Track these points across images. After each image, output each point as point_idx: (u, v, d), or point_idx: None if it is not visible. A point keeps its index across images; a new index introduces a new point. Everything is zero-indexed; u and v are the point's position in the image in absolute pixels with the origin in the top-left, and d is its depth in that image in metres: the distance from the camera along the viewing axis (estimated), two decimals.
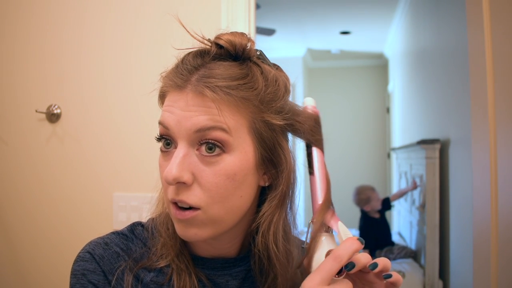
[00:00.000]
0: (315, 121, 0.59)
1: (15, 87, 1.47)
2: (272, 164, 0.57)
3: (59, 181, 1.42)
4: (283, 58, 5.37)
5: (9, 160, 1.47)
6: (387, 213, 3.54)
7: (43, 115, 1.42)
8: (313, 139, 0.58)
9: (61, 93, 1.42)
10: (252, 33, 1.33)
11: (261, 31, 3.94)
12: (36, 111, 1.40)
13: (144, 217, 0.67)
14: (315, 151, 0.58)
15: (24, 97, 1.45)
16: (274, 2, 3.87)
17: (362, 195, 3.36)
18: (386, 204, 3.44)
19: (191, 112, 0.52)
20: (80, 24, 1.42)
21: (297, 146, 0.61)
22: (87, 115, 1.40)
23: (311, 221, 0.54)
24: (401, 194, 3.53)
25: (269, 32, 4.02)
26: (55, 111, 1.41)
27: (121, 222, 1.34)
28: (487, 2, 1.23)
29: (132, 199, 1.35)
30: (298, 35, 4.97)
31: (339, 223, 0.54)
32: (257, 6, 3.32)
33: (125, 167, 1.37)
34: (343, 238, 0.51)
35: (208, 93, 0.51)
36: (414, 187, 3.22)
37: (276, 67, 0.60)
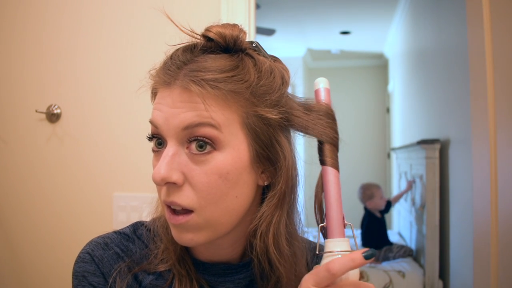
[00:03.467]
0: (326, 114, 0.54)
1: (15, 87, 1.47)
2: (269, 162, 0.53)
3: (59, 181, 1.42)
4: (283, 58, 5.15)
5: (9, 160, 1.47)
6: (386, 215, 3.55)
7: (43, 115, 1.42)
8: (317, 133, 0.53)
9: (61, 93, 1.42)
10: (252, 33, 1.33)
11: (261, 31, 3.94)
12: (36, 111, 1.40)
13: (144, 217, 0.66)
14: (326, 144, 0.53)
15: (24, 97, 1.45)
16: (274, 2, 3.87)
17: (367, 191, 3.39)
18: (388, 206, 3.45)
19: (178, 109, 0.49)
20: (80, 24, 1.42)
21: (298, 142, 0.57)
22: (87, 115, 1.40)
23: (322, 226, 0.51)
24: (399, 197, 3.56)
25: (269, 32, 4.02)
26: (55, 111, 1.41)
27: (121, 222, 1.34)
28: (487, 2, 1.23)
29: (132, 199, 1.35)
30: (298, 35, 4.97)
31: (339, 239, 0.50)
32: (257, 6, 3.33)
33: (125, 167, 1.37)
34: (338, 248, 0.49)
35: (194, 87, 0.48)
36: (409, 187, 3.23)
37: (274, 58, 0.57)
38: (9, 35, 1.47)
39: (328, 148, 0.53)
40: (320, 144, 0.53)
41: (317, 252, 0.50)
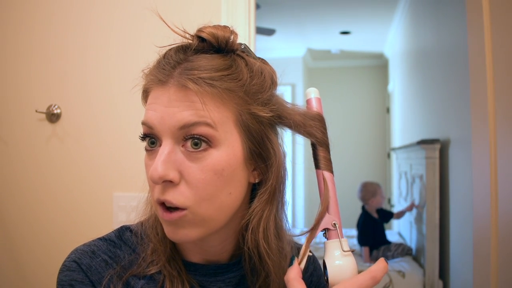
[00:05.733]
0: (317, 119, 0.56)
1: (15, 87, 1.47)
2: (261, 158, 0.55)
3: (59, 182, 1.42)
4: (283, 58, 5.37)
5: (9, 160, 1.47)
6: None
7: (43, 115, 1.42)
8: (305, 132, 0.55)
9: (61, 93, 1.42)
10: (252, 33, 1.33)
11: (261, 31, 3.94)
12: (36, 111, 1.40)
13: (134, 219, 0.65)
14: (319, 147, 0.55)
15: (24, 97, 1.45)
16: (274, 2, 3.87)
17: (370, 187, 3.38)
18: (388, 217, 3.45)
19: (174, 108, 0.50)
20: (80, 24, 1.42)
21: (294, 142, 0.59)
22: (87, 115, 1.40)
23: (335, 223, 0.52)
24: (401, 215, 3.54)
25: (269, 32, 4.01)
26: (55, 111, 1.41)
27: (121, 222, 1.33)
28: (487, 2, 1.23)
29: (132, 199, 1.35)
30: (298, 35, 4.97)
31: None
32: (257, 6, 3.32)
33: (125, 167, 1.37)
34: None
35: (191, 85, 0.49)
36: (411, 208, 3.23)
37: (261, 60, 0.58)
38: (8, 36, 1.47)
39: (322, 152, 0.55)
40: (314, 148, 0.56)
41: (344, 250, 0.51)
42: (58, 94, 1.42)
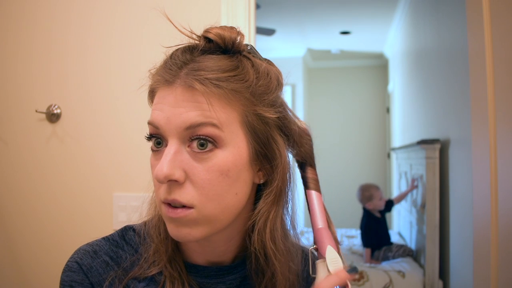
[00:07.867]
0: (305, 132, 0.60)
1: (15, 87, 1.47)
2: (266, 159, 0.55)
3: (59, 182, 1.42)
4: (283, 58, 5.37)
5: (9, 160, 1.47)
6: (387, 215, 3.54)
7: (43, 115, 1.42)
8: (298, 141, 0.58)
9: (61, 93, 1.42)
10: (252, 33, 1.33)
11: (261, 31, 3.94)
12: (36, 111, 1.40)
13: (137, 220, 0.65)
14: (308, 167, 0.59)
15: (24, 97, 1.45)
16: (274, 2, 3.87)
17: (366, 192, 3.36)
18: (389, 206, 3.44)
19: (180, 108, 0.50)
20: (81, 24, 1.42)
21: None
22: (87, 115, 1.41)
23: (312, 249, 0.54)
24: (403, 196, 3.53)
25: (269, 32, 4.01)
26: (55, 111, 1.41)
27: (121, 222, 1.34)
28: (487, 2, 1.23)
29: (132, 199, 1.35)
30: (298, 35, 4.97)
31: (328, 248, 0.53)
32: (257, 6, 3.33)
33: (125, 167, 1.37)
34: (330, 267, 0.51)
35: (198, 86, 0.49)
36: (413, 186, 3.23)
37: (267, 61, 0.58)
38: (9, 36, 1.47)
39: (311, 171, 0.59)
40: (302, 167, 0.60)
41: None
42: (58, 94, 1.42)
